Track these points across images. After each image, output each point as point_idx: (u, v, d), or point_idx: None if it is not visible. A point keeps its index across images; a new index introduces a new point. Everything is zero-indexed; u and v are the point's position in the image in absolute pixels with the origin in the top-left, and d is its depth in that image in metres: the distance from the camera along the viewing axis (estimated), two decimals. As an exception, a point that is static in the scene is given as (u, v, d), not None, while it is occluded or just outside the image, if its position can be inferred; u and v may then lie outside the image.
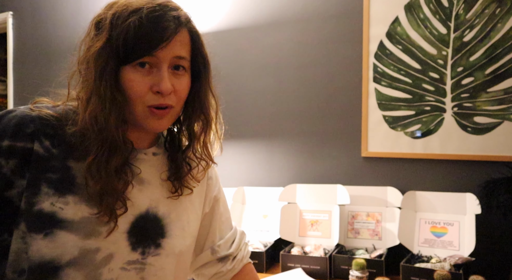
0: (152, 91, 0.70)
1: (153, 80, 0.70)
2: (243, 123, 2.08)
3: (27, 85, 2.89)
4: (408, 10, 1.75)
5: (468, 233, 1.57)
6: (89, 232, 0.67)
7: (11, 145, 0.65)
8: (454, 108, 1.69)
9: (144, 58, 0.69)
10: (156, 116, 0.72)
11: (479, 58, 1.65)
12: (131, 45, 0.68)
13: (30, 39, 2.86)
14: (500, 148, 1.62)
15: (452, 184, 1.69)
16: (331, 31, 1.91)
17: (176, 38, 0.71)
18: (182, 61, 0.73)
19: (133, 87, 0.69)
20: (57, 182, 0.66)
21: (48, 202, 0.65)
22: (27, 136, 0.66)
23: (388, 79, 1.79)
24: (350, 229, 1.80)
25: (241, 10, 2.09)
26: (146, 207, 0.76)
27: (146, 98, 0.70)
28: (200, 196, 0.89)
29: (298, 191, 1.88)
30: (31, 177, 0.65)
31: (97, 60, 0.68)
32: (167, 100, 0.71)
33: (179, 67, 0.73)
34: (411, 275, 1.48)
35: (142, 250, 0.74)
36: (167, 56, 0.70)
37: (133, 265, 0.73)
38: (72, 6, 2.64)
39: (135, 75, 0.69)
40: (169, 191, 0.80)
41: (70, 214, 0.66)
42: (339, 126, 1.90)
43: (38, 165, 0.66)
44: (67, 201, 0.67)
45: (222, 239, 0.93)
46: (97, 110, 0.67)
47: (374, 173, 1.83)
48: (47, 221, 0.65)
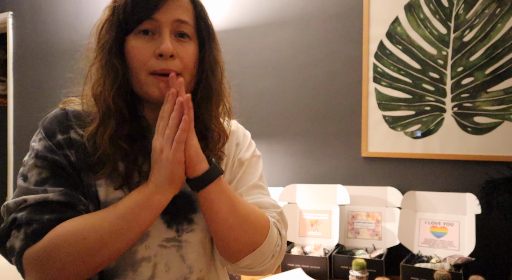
0: (154, 56, 0.70)
1: (155, 45, 0.70)
2: (243, 124, 2.07)
3: (27, 85, 2.89)
4: (408, 10, 1.75)
5: (468, 233, 1.57)
6: None
7: (65, 138, 0.72)
8: (454, 108, 1.69)
9: (145, 23, 0.69)
10: (159, 85, 0.70)
11: (479, 58, 1.65)
12: (131, 11, 0.69)
13: (30, 39, 2.86)
14: (500, 148, 1.62)
15: (452, 184, 1.69)
16: (331, 31, 1.91)
17: (175, 2, 0.71)
18: (184, 26, 0.72)
19: (136, 54, 0.70)
20: (93, 165, 0.71)
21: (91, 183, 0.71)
22: (68, 127, 0.72)
23: (388, 79, 1.79)
24: (350, 229, 1.80)
25: (241, 10, 2.09)
26: None
27: (149, 64, 0.70)
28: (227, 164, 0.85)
29: (298, 191, 1.88)
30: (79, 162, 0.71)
31: (100, 33, 0.71)
32: (170, 65, 0.70)
33: (183, 35, 0.72)
34: (411, 275, 1.48)
35: (176, 227, 0.75)
36: (167, 19, 0.70)
37: (171, 242, 0.74)
38: (72, 6, 2.64)
39: (138, 42, 0.70)
40: None
41: (104, 195, 0.71)
42: (339, 126, 1.90)
43: (80, 150, 0.71)
44: (101, 182, 0.72)
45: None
46: (100, 82, 0.70)
47: (374, 173, 1.83)
48: (94, 201, 0.71)
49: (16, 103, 2.95)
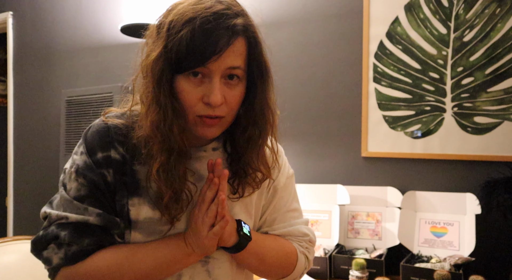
0: (203, 101, 0.70)
1: (204, 91, 0.70)
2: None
3: (27, 85, 2.89)
4: (408, 10, 1.75)
5: (468, 233, 1.57)
6: (151, 231, 0.75)
7: (104, 156, 0.73)
8: (454, 108, 1.69)
9: (196, 69, 0.69)
10: (205, 125, 0.72)
11: (479, 58, 1.65)
12: (184, 56, 0.68)
13: (30, 39, 2.86)
14: (500, 148, 1.62)
15: (452, 184, 1.69)
16: (331, 31, 1.91)
17: (230, 49, 0.69)
18: (236, 70, 0.71)
19: (184, 96, 0.70)
20: (128, 184, 0.74)
21: (121, 203, 0.74)
22: (108, 144, 0.74)
23: (388, 79, 1.79)
24: (350, 229, 1.80)
25: (241, 10, 2.09)
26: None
27: (196, 108, 0.70)
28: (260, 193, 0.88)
29: (298, 191, 1.88)
30: (115, 180, 0.73)
31: (154, 69, 0.69)
32: (217, 111, 0.71)
33: (233, 77, 0.72)
34: (411, 275, 1.48)
35: None
36: (219, 68, 0.69)
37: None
38: (72, 6, 2.64)
39: (187, 85, 0.70)
40: (229, 191, 0.81)
41: (135, 215, 0.74)
42: (339, 126, 1.90)
43: (117, 169, 0.73)
44: (134, 202, 0.74)
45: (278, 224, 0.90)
46: (159, 119, 0.69)
47: (374, 173, 1.83)
48: (126, 220, 0.74)
49: (16, 103, 2.95)
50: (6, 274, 1.37)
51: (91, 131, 0.76)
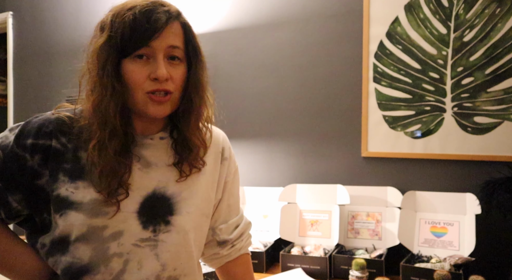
0: (150, 78, 0.77)
1: (150, 69, 0.77)
2: (243, 123, 2.08)
3: (27, 85, 2.89)
4: (408, 10, 1.75)
5: (468, 233, 1.57)
6: (96, 212, 0.76)
7: (33, 143, 0.76)
8: (454, 108, 1.69)
9: (141, 49, 0.76)
10: (155, 103, 0.78)
11: (479, 58, 1.65)
12: (128, 38, 0.75)
13: (30, 39, 2.86)
14: (500, 148, 1.62)
15: (452, 184, 1.69)
16: (331, 31, 1.91)
17: (168, 29, 0.77)
18: (176, 50, 0.79)
19: (132, 76, 0.76)
20: (70, 170, 0.77)
21: (64, 188, 0.76)
22: (47, 135, 0.77)
23: (388, 79, 1.79)
24: (350, 229, 1.80)
25: (241, 10, 2.09)
26: (153, 188, 0.82)
27: (144, 85, 0.77)
28: (214, 177, 0.92)
29: (298, 191, 1.88)
30: (52, 168, 0.76)
31: (100, 55, 0.76)
32: (164, 85, 0.77)
33: (174, 58, 0.79)
34: (411, 275, 1.48)
35: (153, 228, 0.80)
36: (161, 46, 0.77)
37: (146, 242, 0.79)
38: (72, 6, 2.64)
39: (134, 66, 0.76)
40: (177, 174, 0.85)
41: (80, 197, 0.76)
42: (339, 126, 1.90)
43: (57, 158, 0.77)
44: (77, 186, 0.77)
45: (225, 223, 0.96)
46: (99, 99, 0.75)
47: (374, 173, 1.83)
48: (62, 203, 0.76)
49: (16, 103, 2.95)
50: (6, 274, 1.36)
51: (36, 120, 0.79)
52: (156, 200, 0.81)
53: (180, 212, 0.83)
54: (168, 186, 0.83)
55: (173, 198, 0.83)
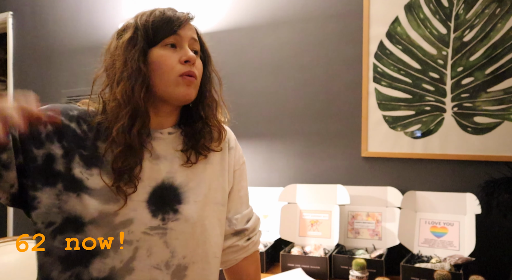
0: (180, 62, 0.84)
1: (180, 55, 0.84)
2: (243, 124, 2.08)
3: (27, 85, 2.89)
4: (408, 10, 1.75)
5: (468, 233, 1.57)
6: (107, 199, 0.79)
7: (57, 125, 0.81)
8: (454, 108, 1.69)
9: (170, 37, 0.84)
10: (186, 83, 0.84)
11: (479, 58, 1.65)
12: (159, 27, 0.83)
13: (30, 39, 2.86)
14: (500, 148, 1.62)
15: (452, 184, 1.69)
16: (331, 31, 1.91)
17: (189, 25, 0.88)
18: (196, 44, 0.89)
19: (165, 60, 0.83)
20: (87, 157, 0.80)
21: (78, 170, 0.79)
22: (69, 117, 0.82)
23: (388, 79, 1.79)
24: (350, 229, 1.80)
25: (241, 10, 2.09)
26: (162, 178, 0.85)
27: (176, 68, 0.83)
28: (223, 165, 0.95)
29: (298, 191, 1.88)
30: (69, 148, 0.80)
31: (127, 46, 0.82)
32: (194, 68, 0.85)
33: (195, 52, 0.88)
34: (411, 275, 1.48)
35: (162, 217, 0.82)
36: (187, 35, 0.86)
37: (156, 231, 0.81)
38: (72, 6, 2.64)
39: (166, 52, 0.84)
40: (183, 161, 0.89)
41: (93, 184, 0.79)
42: (339, 126, 1.90)
43: (75, 140, 0.80)
44: (92, 173, 0.80)
45: (239, 214, 0.99)
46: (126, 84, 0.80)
47: (374, 173, 1.83)
48: (78, 185, 0.78)
49: (16, 103, 2.95)
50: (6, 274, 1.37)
51: (63, 104, 0.85)
52: (164, 189, 0.84)
53: (188, 201, 0.86)
54: (176, 176, 0.86)
55: (181, 187, 0.86)
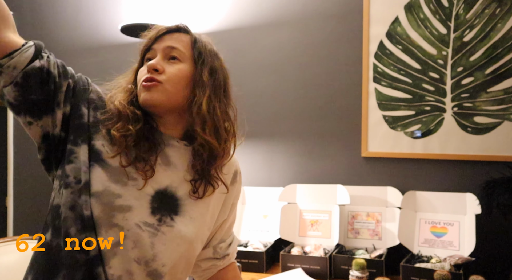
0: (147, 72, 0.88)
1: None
2: (243, 124, 2.08)
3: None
4: (408, 10, 1.75)
5: (468, 233, 1.57)
6: (117, 178, 0.80)
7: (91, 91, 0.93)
8: (454, 108, 1.69)
9: (148, 53, 0.90)
10: (145, 89, 0.85)
11: (479, 58, 1.65)
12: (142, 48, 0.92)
13: (30, 39, 2.86)
14: (500, 148, 1.62)
15: (452, 184, 1.69)
16: (331, 31, 1.91)
17: (170, 35, 0.90)
18: (175, 50, 0.89)
19: (139, 74, 0.89)
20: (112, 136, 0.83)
21: (100, 142, 0.82)
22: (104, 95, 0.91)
23: (388, 79, 1.79)
24: (350, 229, 1.80)
25: (241, 10, 2.09)
26: (166, 185, 0.85)
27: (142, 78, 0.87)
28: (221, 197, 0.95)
29: (298, 191, 1.88)
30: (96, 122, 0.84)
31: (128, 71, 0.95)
32: (154, 75, 0.85)
33: (174, 58, 0.88)
34: (411, 275, 1.48)
35: (159, 217, 0.82)
36: (160, 46, 0.89)
37: (148, 228, 0.81)
38: (72, 6, 2.64)
39: (143, 68, 0.89)
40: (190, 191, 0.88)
41: (110, 160, 0.82)
42: (339, 127, 1.90)
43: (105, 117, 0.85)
44: (113, 149, 0.82)
45: (223, 242, 1.01)
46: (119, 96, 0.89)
47: (374, 173, 1.83)
48: (95, 155, 0.81)
49: (16, 103, 2.94)
50: (6, 274, 1.37)
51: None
52: (166, 196, 0.85)
53: (184, 215, 0.85)
54: (180, 187, 0.86)
55: (182, 200, 0.86)
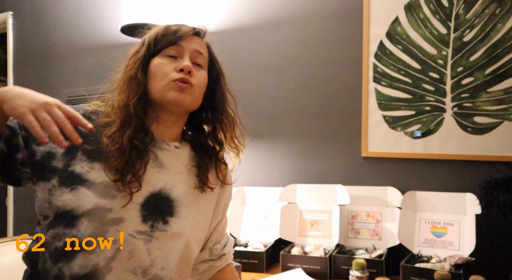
0: (176, 70, 0.86)
1: (177, 64, 0.87)
2: (243, 123, 2.08)
3: (27, 85, 2.89)
4: (408, 10, 1.75)
5: (468, 233, 1.57)
6: (105, 193, 0.79)
7: None
8: (454, 108, 1.69)
9: (171, 48, 0.87)
10: (178, 88, 0.85)
11: (479, 58, 1.65)
12: (162, 38, 0.87)
13: (30, 39, 2.86)
14: (500, 148, 1.62)
15: (452, 184, 1.69)
16: (331, 31, 1.91)
17: (195, 37, 0.91)
18: (201, 57, 0.90)
19: (161, 68, 0.86)
20: (90, 151, 0.82)
21: (79, 165, 0.80)
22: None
23: (388, 79, 1.79)
24: (350, 229, 1.80)
25: (241, 10, 2.09)
26: (160, 187, 0.86)
27: (171, 75, 0.85)
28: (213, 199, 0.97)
29: (298, 191, 1.88)
30: (72, 146, 0.81)
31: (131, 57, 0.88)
32: (188, 76, 0.85)
33: (199, 65, 0.90)
34: (411, 275, 1.48)
35: (151, 224, 0.83)
36: (189, 47, 0.88)
37: (142, 236, 0.81)
38: (72, 6, 2.64)
39: (164, 60, 0.87)
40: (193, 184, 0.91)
41: (93, 177, 0.80)
42: (339, 126, 1.90)
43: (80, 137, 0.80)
44: (93, 166, 0.81)
45: (219, 243, 1.03)
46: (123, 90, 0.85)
47: (374, 173, 1.83)
48: (75, 179, 0.79)
49: (16, 103, 2.94)
50: (6, 274, 1.37)
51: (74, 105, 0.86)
52: (160, 198, 0.85)
53: (179, 216, 0.86)
54: (173, 189, 0.87)
55: (176, 201, 0.87)
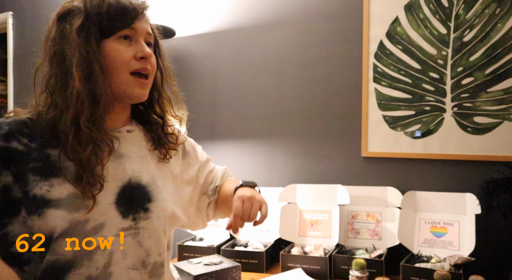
0: (135, 58, 0.81)
1: (135, 49, 0.81)
2: (243, 123, 2.08)
3: (27, 85, 2.89)
4: (408, 10, 1.75)
5: (468, 233, 1.57)
6: (77, 206, 0.75)
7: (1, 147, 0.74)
8: (454, 108, 1.69)
9: (126, 30, 0.79)
10: (140, 86, 0.82)
11: (479, 58, 1.65)
12: (114, 17, 0.78)
13: (30, 39, 2.86)
14: (500, 148, 1.62)
15: (452, 184, 1.69)
16: (331, 31, 1.91)
17: (145, 17, 0.84)
18: (151, 37, 0.86)
19: (120, 55, 0.79)
20: (40, 169, 0.75)
21: (38, 188, 0.74)
22: (2, 137, 0.74)
23: (388, 79, 1.79)
24: (350, 229, 1.80)
25: (241, 10, 2.09)
26: (128, 178, 0.83)
27: (130, 64, 0.80)
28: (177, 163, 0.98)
29: (298, 191, 1.88)
30: (17, 171, 0.74)
31: (79, 35, 0.76)
32: (148, 65, 0.82)
33: (150, 44, 0.86)
34: (411, 275, 1.48)
35: (132, 217, 0.81)
36: (141, 29, 0.82)
37: (128, 231, 0.80)
38: (72, 6, 2.64)
39: (120, 45, 0.80)
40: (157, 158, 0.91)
41: (57, 194, 0.75)
42: (339, 126, 1.90)
43: (20, 159, 0.74)
44: (52, 183, 0.75)
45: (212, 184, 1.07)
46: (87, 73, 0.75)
47: (374, 173, 1.83)
48: (39, 203, 0.73)
49: (16, 103, 2.94)
50: (6, 274, 1.36)
51: None
52: (132, 189, 0.83)
53: (158, 199, 0.86)
54: (142, 175, 0.85)
55: (149, 185, 0.86)
